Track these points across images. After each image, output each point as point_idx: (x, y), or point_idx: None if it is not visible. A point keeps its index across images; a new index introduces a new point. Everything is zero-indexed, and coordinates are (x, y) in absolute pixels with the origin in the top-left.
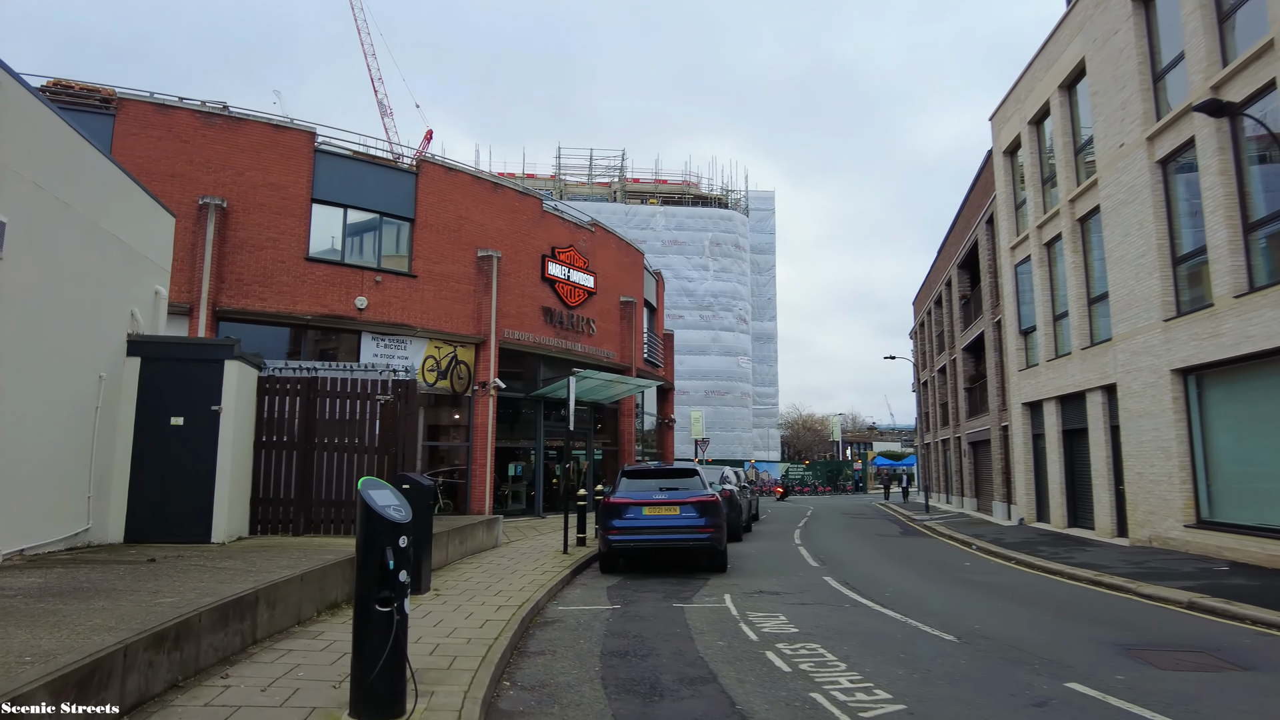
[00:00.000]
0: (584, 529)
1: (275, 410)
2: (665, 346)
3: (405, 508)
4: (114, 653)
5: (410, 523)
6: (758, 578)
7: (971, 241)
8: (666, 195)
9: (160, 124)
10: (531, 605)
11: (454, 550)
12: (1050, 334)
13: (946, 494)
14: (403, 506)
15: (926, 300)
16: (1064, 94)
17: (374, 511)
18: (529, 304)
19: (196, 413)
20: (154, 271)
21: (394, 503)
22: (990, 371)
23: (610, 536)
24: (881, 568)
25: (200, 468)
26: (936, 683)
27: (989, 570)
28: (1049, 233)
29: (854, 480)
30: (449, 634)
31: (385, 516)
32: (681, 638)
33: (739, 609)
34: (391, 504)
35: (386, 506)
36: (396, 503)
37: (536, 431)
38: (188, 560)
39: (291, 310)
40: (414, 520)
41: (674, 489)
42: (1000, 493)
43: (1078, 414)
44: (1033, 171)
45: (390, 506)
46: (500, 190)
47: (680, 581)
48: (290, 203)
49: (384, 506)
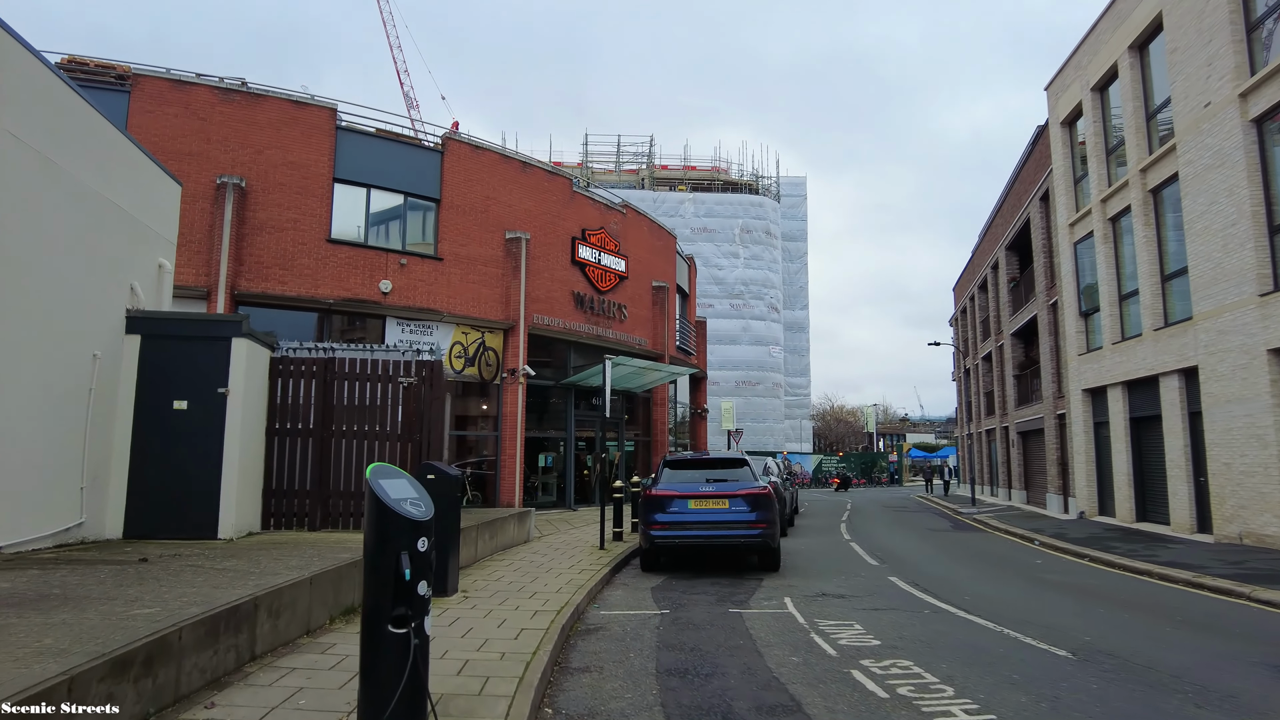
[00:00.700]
0: (620, 523)
1: (289, 394)
2: (698, 334)
3: (426, 501)
4: (56, 685)
5: (432, 520)
6: (816, 578)
7: (1022, 221)
8: (696, 182)
9: (177, 101)
10: (572, 610)
11: (483, 546)
12: (1115, 315)
13: (991, 486)
14: (422, 500)
15: (969, 286)
16: (1134, 55)
17: (386, 507)
18: (559, 288)
19: (202, 396)
20: (158, 243)
21: (411, 495)
22: (1044, 357)
23: (652, 532)
24: (947, 566)
25: (206, 456)
26: (1073, 715)
27: (1065, 569)
28: (1114, 206)
29: (889, 472)
30: (479, 647)
31: (400, 513)
32: (747, 651)
33: (805, 615)
34: (408, 496)
35: (402, 500)
36: (415, 495)
37: (567, 421)
38: (185, 559)
39: (313, 294)
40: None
41: (722, 480)
42: (1055, 485)
43: (1148, 400)
44: (1096, 141)
45: (407, 500)
46: (528, 169)
47: (731, 582)
48: (311, 182)
49: (399, 500)
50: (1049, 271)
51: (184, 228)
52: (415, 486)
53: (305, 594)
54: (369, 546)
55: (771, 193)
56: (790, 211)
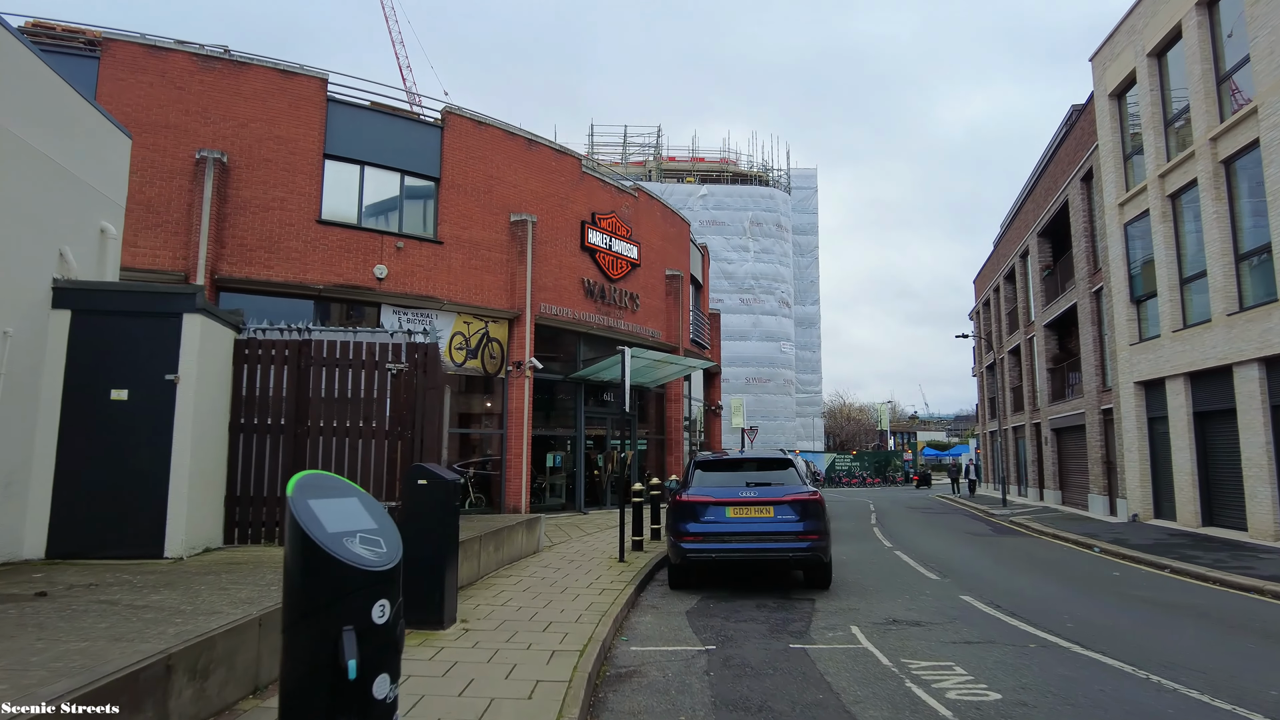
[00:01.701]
0: (640, 530)
1: (258, 383)
2: (712, 327)
3: (389, 535)
4: None
5: (397, 567)
6: (876, 598)
7: (1059, 204)
8: (704, 174)
9: (153, 68)
10: (598, 649)
11: (487, 560)
12: (1176, 300)
13: (1020, 486)
14: (383, 533)
15: (993, 277)
16: (1202, 12)
17: (317, 546)
18: (567, 275)
19: (146, 384)
20: (99, 204)
21: (364, 525)
22: (1086, 348)
23: (684, 545)
24: (1017, 580)
25: (150, 457)
26: None
27: (1153, 584)
28: (1176, 181)
29: (904, 471)
30: (482, 713)
31: (341, 557)
32: (833, 712)
33: (887, 653)
34: (359, 528)
35: (346, 534)
36: (370, 525)
37: (576, 418)
38: (101, 592)
39: (302, 280)
40: (434, 529)
41: (765, 484)
42: (1099, 485)
43: (1218, 392)
44: (1152, 112)
45: (356, 534)
46: (534, 146)
47: (779, 603)
48: (300, 158)
49: (340, 535)
50: (1091, 256)
51: (159, 206)
52: (371, 510)
53: (252, 640)
54: (287, 614)
55: (782, 185)
56: (801, 204)
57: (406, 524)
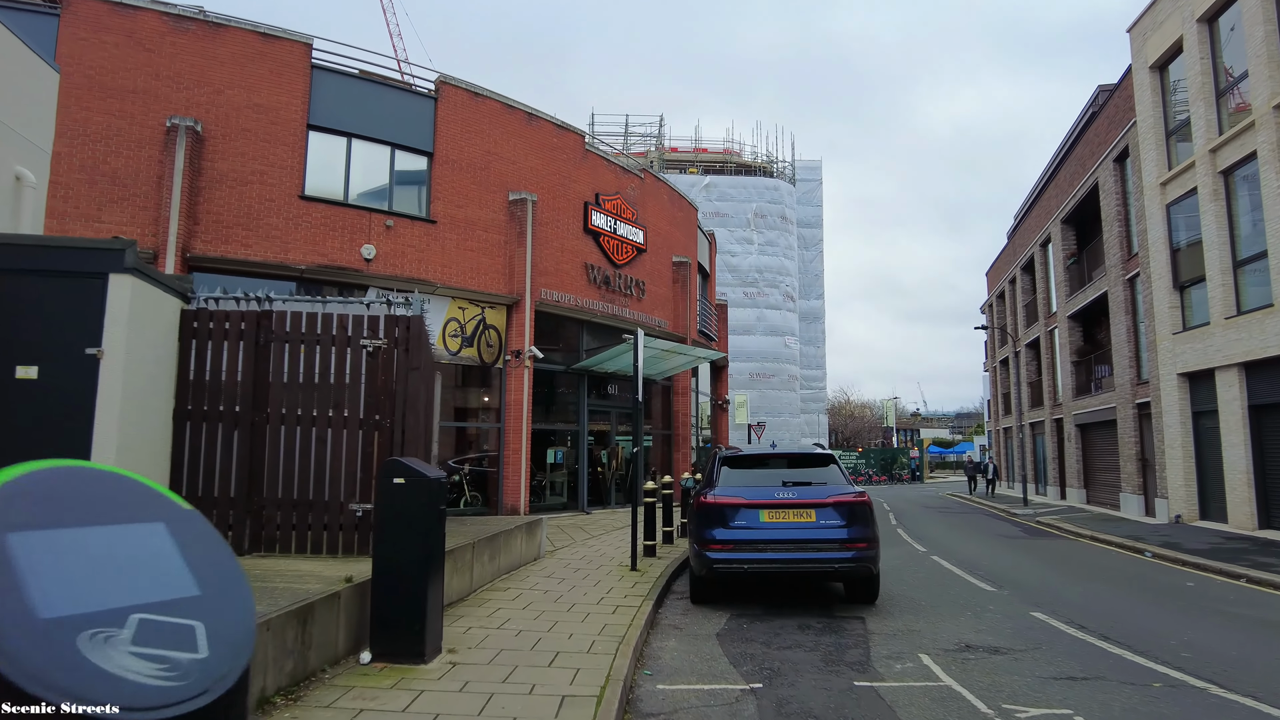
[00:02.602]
0: (652, 533)
1: (209, 362)
2: (719, 318)
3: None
4: None
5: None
6: (932, 614)
7: (1087, 188)
8: (707, 165)
9: (119, 28)
10: (619, 692)
11: (482, 570)
12: (1229, 284)
13: (1039, 484)
14: (205, 611)
15: (1009, 268)
16: None
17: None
18: (569, 259)
19: (61, 359)
20: (15, 144)
21: (154, 597)
22: (1118, 339)
23: (710, 554)
24: (1082, 591)
25: (65, 450)
26: None
27: (1240, 598)
28: (1229, 156)
29: (911, 469)
30: None
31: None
32: None
33: (977, 693)
34: (137, 602)
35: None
36: (171, 595)
37: (579, 411)
38: None
39: (283, 259)
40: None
41: (804, 484)
42: (1133, 483)
43: (1277, 384)
44: (1202, 82)
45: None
46: (535, 121)
47: (823, 622)
48: (281, 129)
49: (66, 628)
50: (1125, 241)
51: (126, 178)
52: (191, 555)
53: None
54: None
55: (786, 176)
56: (805, 197)
57: (380, 532)
